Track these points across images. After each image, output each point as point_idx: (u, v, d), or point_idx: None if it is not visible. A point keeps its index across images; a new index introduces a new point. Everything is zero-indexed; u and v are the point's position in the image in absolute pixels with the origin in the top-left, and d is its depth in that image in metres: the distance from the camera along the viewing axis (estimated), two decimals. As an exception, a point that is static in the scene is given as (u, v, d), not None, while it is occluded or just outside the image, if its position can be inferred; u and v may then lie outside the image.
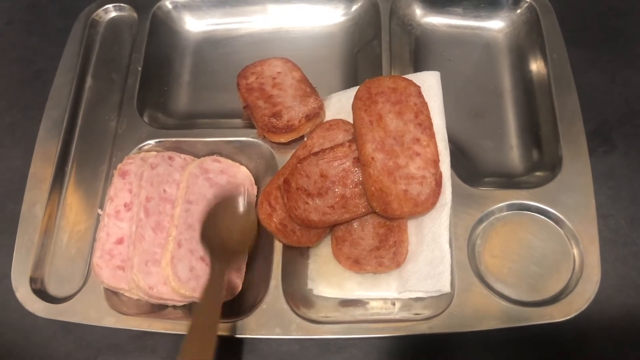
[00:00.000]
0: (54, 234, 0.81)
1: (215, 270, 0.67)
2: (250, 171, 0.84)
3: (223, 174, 0.80)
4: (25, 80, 0.98)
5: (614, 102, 0.91)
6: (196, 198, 0.76)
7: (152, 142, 0.84)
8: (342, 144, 0.77)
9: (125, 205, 0.75)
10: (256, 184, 0.84)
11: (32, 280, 0.76)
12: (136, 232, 0.71)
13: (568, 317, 0.68)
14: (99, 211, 0.79)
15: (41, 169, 0.83)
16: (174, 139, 0.84)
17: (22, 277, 0.76)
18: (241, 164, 0.84)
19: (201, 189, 0.77)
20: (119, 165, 0.79)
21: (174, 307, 0.74)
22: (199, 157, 0.82)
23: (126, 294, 0.73)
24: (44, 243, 0.79)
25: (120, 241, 0.74)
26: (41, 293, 0.76)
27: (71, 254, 0.79)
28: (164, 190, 0.75)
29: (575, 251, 0.73)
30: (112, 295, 0.75)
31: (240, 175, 0.82)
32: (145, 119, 0.87)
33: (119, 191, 0.76)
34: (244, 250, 0.76)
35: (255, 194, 0.83)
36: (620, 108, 0.90)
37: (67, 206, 0.82)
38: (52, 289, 0.77)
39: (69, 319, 0.73)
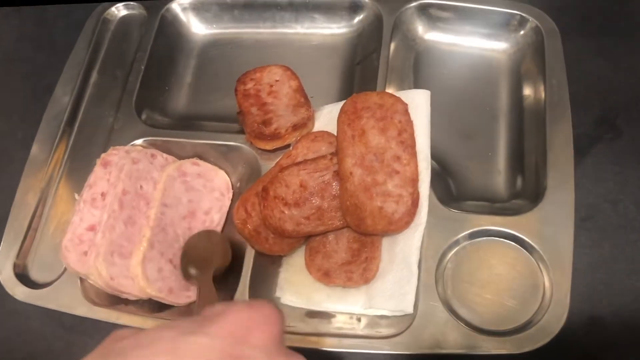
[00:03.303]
0: (42, 222, 0.84)
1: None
2: (236, 176, 0.85)
3: (200, 177, 0.82)
4: (36, 95, 1.01)
5: (619, 89, 0.89)
6: (171, 201, 0.78)
7: (141, 140, 0.86)
8: (324, 156, 0.78)
9: (102, 194, 0.77)
10: (240, 189, 0.85)
11: (16, 265, 0.79)
12: (107, 222, 0.73)
13: (522, 351, 0.66)
14: (76, 196, 0.81)
15: (39, 157, 0.87)
16: (163, 139, 0.86)
17: (7, 260, 0.80)
18: (227, 168, 0.85)
19: (177, 192, 0.79)
20: (103, 155, 0.80)
21: (126, 301, 0.76)
22: (183, 158, 0.84)
23: (89, 281, 0.75)
24: (32, 230, 0.83)
25: (92, 228, 0.75)
26: (23, 277, 0.79)
27: (55, 243, 0.82)
28: (141, 187, 0.77)
29: (547, 284, 0.71)
30: (88, 286, 0.77)
31: (218, 179, 0.84)
32: (142, 117, 0.90)
33: (99, 179, 0.78)
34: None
35: (230, 198, 0.84)
36: (626, 94, 0.89)
37: (58, 196, 0.86)
38: (34, 275, 0.81)
39: (44, 304, 0.76)
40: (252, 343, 0.43)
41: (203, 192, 0.81)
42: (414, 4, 0.94)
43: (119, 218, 0.73)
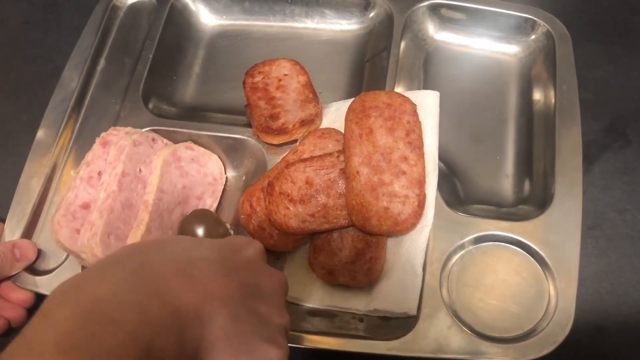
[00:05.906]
0: (46, 208, 0.83)
1: None
2: (242, 170, 0.85)
3: (193, 162, 0.81)
4: (42, 78, 1.00)
5: (629, 97, 0.90)
6: (167, 187, 0.77)
7: (147, 129, 0.84)
8: (331, 154, 0.77)
9: (98, 173, 0.76)
10: (246, 183, 0.84)
11: (17, 250, 0.78)
12: (106, 202, 0.72)
13: (526, 359, 0.66)
14: (72, 173, 0.80)
15: (45, 142, 0.85)
16: (169, 129, 0.85)
17: (8, 245, 0.78)
18: (233, 161, 0.85)
19: (172, 178, 0.78)
20: (103, 134, 0.80)
21: None
22: (181, 143, 0.84)
23: (78, 259, 0.74)
24: (35, 216, 0.81)
25: (86, 206, 0.74)
26: (23, 263, 0.78)
27: (58, 230, 0.81)
28: (140, 170, 0.76)
29: (552, 292, 0.71)
30: (89, 275, 0.76)
31: (211, 164, 0.83)
32: (149, 106, 0.89)
33: (97, 158, 0.77)
34: None
35: (223, 183, 0.84)
36: (636, 103, 0.89)
37: (62, 182, 0.84)
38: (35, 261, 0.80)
39: (43, 291, 0.75)
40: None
41: (196, 178, 0.81)
42: (425, 3, 0.93)
43: (117, 199, 0.72)
